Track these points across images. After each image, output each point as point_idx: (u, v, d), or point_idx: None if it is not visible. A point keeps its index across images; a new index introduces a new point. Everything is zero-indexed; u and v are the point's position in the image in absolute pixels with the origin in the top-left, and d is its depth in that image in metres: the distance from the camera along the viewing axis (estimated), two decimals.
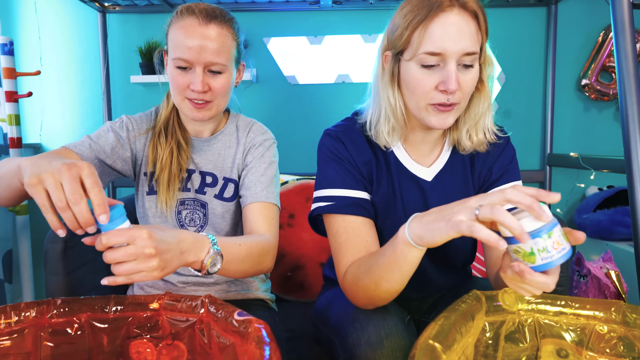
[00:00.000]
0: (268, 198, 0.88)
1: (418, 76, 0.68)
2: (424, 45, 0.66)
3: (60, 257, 0.96)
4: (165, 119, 0.92)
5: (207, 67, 0.81)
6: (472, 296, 0.59)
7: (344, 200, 0.75)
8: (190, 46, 0.78)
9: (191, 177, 0.92)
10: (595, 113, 1.75)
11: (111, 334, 0.65)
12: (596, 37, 1.70)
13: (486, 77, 0.73)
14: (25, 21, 1.72)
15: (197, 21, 0.79)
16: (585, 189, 1.75)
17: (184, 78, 0.81)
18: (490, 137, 0.78)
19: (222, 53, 0.81)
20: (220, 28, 0.81)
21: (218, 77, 0.82)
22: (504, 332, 0.61)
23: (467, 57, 0.66)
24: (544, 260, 0.51)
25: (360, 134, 0.80)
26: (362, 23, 1.73)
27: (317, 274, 1.38)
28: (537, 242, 0.50)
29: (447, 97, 0.68)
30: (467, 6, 0.66)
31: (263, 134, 0.95)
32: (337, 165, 0.77)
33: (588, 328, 0.58)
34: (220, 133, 0.94)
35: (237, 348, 0.56)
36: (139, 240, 0.55)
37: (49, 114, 1.77)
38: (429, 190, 0.80)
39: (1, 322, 0.58)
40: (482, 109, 0.75)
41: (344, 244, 0.73)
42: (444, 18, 0.65)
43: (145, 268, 0.56)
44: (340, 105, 1.77)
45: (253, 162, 0.91)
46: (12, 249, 1.60)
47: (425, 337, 0.47)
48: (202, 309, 0.63)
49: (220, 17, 0.81)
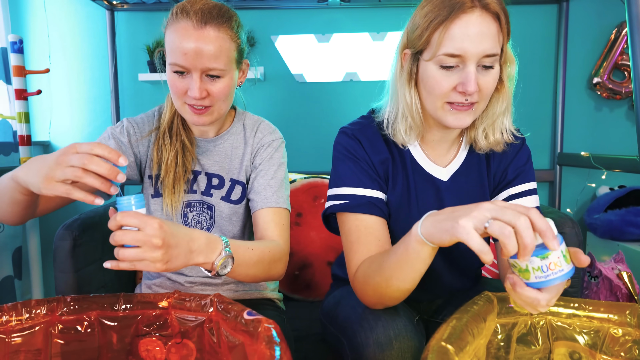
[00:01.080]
0: (278, 203, 0.86)
1: (437, 77, 0.68)
2: (444, 47, 0.65)
3: (69, 255, 0.97)
4: (169, 120, 0.89)
5: (204, 72, 0.77)
6: (484, 297, 0.58)
7: (357, 199, 0.74)
8: (186, 51, 0.74)
9: (197, 178, 0.91)
10: (607, 112, 1.72)
11: (120, 332, 0.65)
12: (608, 35, 1.67)
13: (506, 76, 0.72)
14: (34, 19, 1.73)
15: (192, 24, 0.74)
16: (596, 188, 1.73)
17: (182, 83, 0.77)
18: (507, 137, 0.77)
19: (219, 57, 0.76)
20: (217, 30, 0.75)
21: (217, 82, 0.78)
22: (515, 334, 0.60)
23: (487, 59, 0.66)
24: (537, 279, 0.52)
25: (376, 132, 0.79)
26: (370, 21, 1.71)
27: (325, 273, 1.38)
28: (532, 260, 0.51)
29: (466, 98, 0.67)
30: (489, 7, 0.64)
31: (271, 134, 0.93)
32: (353, 163, 0.76)
33: (602, 331, 0.57)
34: (226, 133, 0.92)
35: (246, 347, 0.55)
36: (149, 229, 0.55)
37: (58, 111, 1.78)
38: (444, 190, 0.79)
39: (12, 319, 0.59)
40: (501, 108, 0.74)
41: (356, 242, 0.73)
42: (466, 19, 0.64)
43: (149, 257, 0.55)
44: (348, 104, 1.76)
45: (262, 164, 0.89)
46: (21, 245, 1.62)
47: (437, 338, 0.46)
48: (211, 308, 0.63)
49: (218, 17, 0.76)
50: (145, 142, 0.90)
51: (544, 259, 0.51)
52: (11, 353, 0.59)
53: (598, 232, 1.58)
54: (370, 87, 1.75)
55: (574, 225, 1.06)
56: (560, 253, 0.51)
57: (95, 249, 1.05)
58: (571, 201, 1.76)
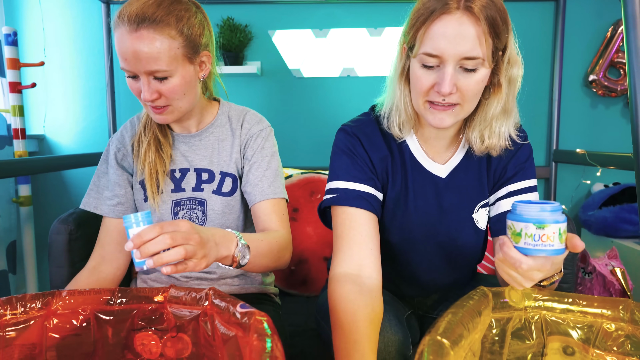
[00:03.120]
0: (276, 194, 0.87)
1: (418, 74, 0.68)
2: (424, 46, 0.66)
3: (64, 250, 0.96)
4: (145, 120, 0.91)
5: (149, 75, 0.76)
6: (479, 292, 0.58)
7: (348, 192, 0.75)
8: (125, 57, 0.74)
9: (186, 176, 0.90)
10: (603, 109, 1.73)
11: (116, 326, 0.65)
12: (604, 33, 1.68)
13: (505, 79, 0.70)
14: (29, 11, 1.71)
15: (127, 29, 0.73)
16: (591, 185, 1.74)
17: (135, 85, 0.78)
18: (504, 143, 0.76)
19: (159, 58, 0.74)
20: (153, 31, 0.73)
21: (165, 82, 0.77)
22: (510, 329, 0.60)
23: (467, 62, 0.65)
24: (525, 245, 0.54)
25: (375, 129, 0.79)
26: (367, 16, 1.71)
27: (321, 269, 1.38)
28: (528, 226, 0.53)
29: (442, 98, 0.67)
30: (472, 10, 0.63)
31: (258, 123, 0.92)
32: (349, 159, 0.77)
33: (595, 326, 0.58)
34: (211, 125, 0.91)
35: (239, 340, 0.55)
36: (184, 226, 0.58)
37: (53, 105, 1.76)
38: (443, 187, 0.79)
39: (7, 313, 0.58)
40: (495, 112, 0.73)
41: (341, 236, 0.73)
42: (446, 20, 0.64)
43: (191, 252, 0.57)
44: (345, 99, 1.76)
45: (254, 155, 0.89)
46: (15, 240, 1.61)
47: (433, 333, 0.46)
48: (206, 302, 0.63)
49: (152, 18, 0.73)
50: (129, 154, 0.93)
51: (539, 228, 0.53)
52: (6, 347, 0.58)
53: (592, 228, 1.59)
54: (368, 83, 1.75)
55: (569, 221, 1.07)
56: (557, 229, 0.53)
57: (90, 243, 1.04)
58: (566, 198, 1.77)
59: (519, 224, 0.55)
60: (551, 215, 0.53)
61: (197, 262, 0.59)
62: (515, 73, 0.71)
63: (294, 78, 1.74)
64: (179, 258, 0.56)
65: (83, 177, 1.79)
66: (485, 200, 0.81)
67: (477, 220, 0.81)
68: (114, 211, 0.90)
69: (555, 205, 0.54)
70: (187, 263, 0.58)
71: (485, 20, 0.64)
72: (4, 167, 1.21)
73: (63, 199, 1.80)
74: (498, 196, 0.80)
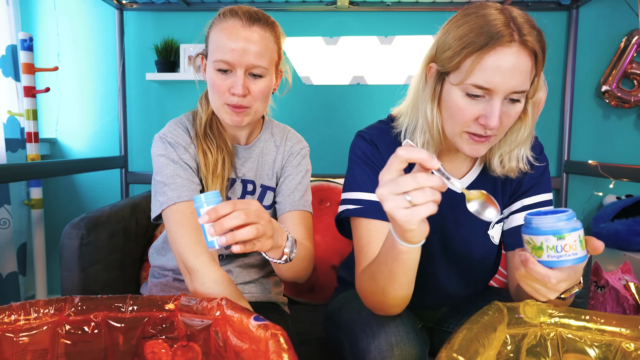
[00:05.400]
0: (305, 206, 0.91)
1: (460, 104, 0.66)
2: (474, 77, 0.63)
3: (76, 254, 0.97)
4: (208, 124, 0.87)
5: (248, 70, 0.79)
6: (494, 307, 0.58)
7: (372, 204, 0.74)
8: (233, 48, 0.77)
9: (233, 186, 0.91)
10: (615, 120, 1.72)
11: (127, 334, 0.65)
12: (618, 43, 1.66)
13: (530, 105, 0.70)
14: (44, 18, 1.74)
15: (241, 23, 0.78)
16: (603, 197, 1.72)
17: (225, 82, 0.79)
18: (522, 166, 0.76)
19: (264, 56, 0.79)
20: (264, 31, 0.79)
21: (259, 81, 0.81)
22: (525, 346, 0.59)
23: (515, 94, 0.64)
24: (549, 258, 0.53)
25: (394, 140, 0.78)
26: (378, 24, 1.71)
27: (328, 277, 1.38)
28: (548, 239, 0.52)
29: (485, 131, 0.66)
30: (527, 44, 0.62)
31: (299, 142, 0.96)
32: (369, 169, 0.76)
33: (614, 345, 0.57)
34: (258, 140, 0.93)
35: (253, 353, 0.55)
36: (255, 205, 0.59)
37: (65, 109, 1.78)
38: (458, 202, 0.79)
39: (21, 319, 0.59)
40: (521, 137, 0.72)
41: (366, 246, 0.73)
42: (502, 54, 0.61)
43: (263, 230, 0.58)
44: (354, 108, 1.76)
45: (291, 170, 0.93)
46: (26, 242, 1.62)
47: (448, 349, 0.46)
48: (217, 312, 0.63)
49: (264, 19, 0.80)
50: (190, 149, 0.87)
51: (560, 239, 0.52)
52: (19, 352, 0.59)
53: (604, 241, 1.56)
54: (377, 92, 1.75)
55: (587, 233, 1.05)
56: (577, 237, 0.52)
57: (101, 248, 1.05)
58: (577, 210, 1.75)
59: (538, 238, 0.53)
60: (568, 224, 0.53)
61: (264, 242, 0.60)
62: (540, 97, 0.71)
63: (303, 85, 1.75)
64: (251, 236, 0.57)
65: (94, 180, 1.80)
66: (500, 216, 0.80)
67: (492, 236, 0.80)
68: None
69: (570, 213, 0.53)
70: (255, 243, 0.59)
71: (538, 55, 0.63)
72: (17, 171, 1.22)
73: (74, 203, 1.81)
74: (512, 210, 0.79)
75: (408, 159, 0.50)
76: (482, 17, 0.63)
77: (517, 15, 0.64)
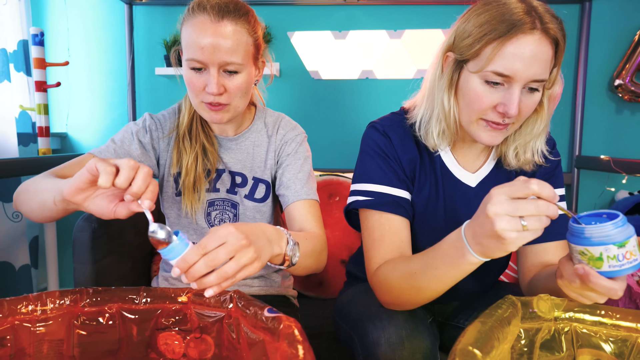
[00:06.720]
0: (309, 195, 0.87)
1: (479, 92, 0.66)
2: (494, 64, 0.63)
3: (88, 247, 0.98)
4: (188, 122, 0.88)
5: (221, 68, 0.75)
6: (508, 301, 0.57)
7: (384, 197, 0.73)
8: (203, 46, 0.73)
9: (221, 176, 0.90)
10: (628, 115, 1.69)
11: (140, 325, 0.66)
12: (632, 36, 1.63)
13: (546, 98, 0.69)
14: (54, 12, 1.75)
15: (209, 18, 0.73)
16: (615, 192, 1.69)
17: (199, 80, 0.76)
18: (537, 159, 0.75)
19: (237, 51, 0.75)
20: (235, 24, 0.74)
21: (234, 77, 0.77)
22: (539, 340, 0.59)
23: (534, 83, 0.63)
24: (611, 268, 0.50)
25: (408, 131, 0.78)
26: (387, 18, 1.70)
27: (338, 271, 1.38)
28: (608, 248, 0.49)
29: (503, 119, 0.66)
30: (549, 32, 0.62)
31: (294, 129, 0.93)
32: (382, 161, 0.75)
33: (630, 340, 0.56)
34: (248, 131, 0.91)
35: (267, 345, 0.55)
36: (230, 237, 0.53)
37: (75, 104, 1.80)
38: (473, 196, 0.78)
39: (38, 309, 0.59)
40: (538, 130, 0.72)
41: (378, 240, 0.72)
42: (523, 41, 0.61)
43: (246, 260, 0.53)
44: (363, 102, 1.75)
45: (288, 159, 0.89)
46: (38, 235, 1.64)
47: (464, 342, 0.46)
48: (230, 304, 0.63)
49: (234, 11, 0.75)
50: (166, 140, 0.90)
51: (621, 247, 0.49)
52: (36, 342, 0.59)
53: None
54: (386, 86, 1.74)
55: None
56: (635, 241, 0.50)
57: (113, 241, 1.06)
58: (589, 205, 1.73)
59: (596, 249, 0.50)
60: (626, 230, 0.49)
61: (247, 269, 0.54)
62: (556, 90, 0.70)
63: (312, 80, 1.74)
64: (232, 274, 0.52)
65: None
66: None
67: None
68: None
69: (623, 217, 0.50)
70: (237, 276, 0.54)
71: (559, 43, 0.63)
72: (30, 164, 1.24)
73: None
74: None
75: (539, 194, 0.49)
76: (503, 5, 0.64)
77: (538, 5, 0.64)
